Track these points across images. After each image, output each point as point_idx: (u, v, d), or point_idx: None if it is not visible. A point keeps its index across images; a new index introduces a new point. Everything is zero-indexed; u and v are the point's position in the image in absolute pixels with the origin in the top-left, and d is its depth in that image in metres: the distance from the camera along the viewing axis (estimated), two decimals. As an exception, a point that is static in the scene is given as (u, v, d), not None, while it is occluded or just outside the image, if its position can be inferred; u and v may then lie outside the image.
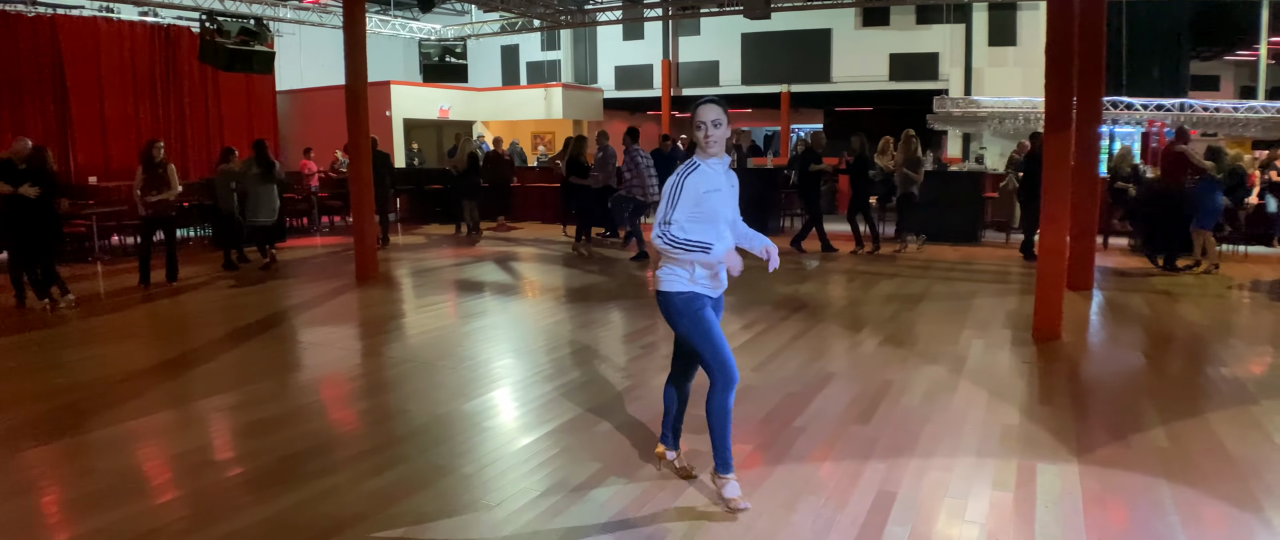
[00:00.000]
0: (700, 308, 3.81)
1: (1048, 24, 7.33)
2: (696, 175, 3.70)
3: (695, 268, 3.78)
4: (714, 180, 3.74)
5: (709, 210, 3.72)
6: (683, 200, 3.66)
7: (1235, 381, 5.99)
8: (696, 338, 3.81)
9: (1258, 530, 3.69)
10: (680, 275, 3.80)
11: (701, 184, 3.69)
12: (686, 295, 3.79)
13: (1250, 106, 20.90)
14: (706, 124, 3.71)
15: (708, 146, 3.73)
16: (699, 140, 3.74)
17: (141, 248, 10.31)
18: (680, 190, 3.66)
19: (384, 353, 7.22)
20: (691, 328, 3.81)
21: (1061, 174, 7.29)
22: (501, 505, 3.93)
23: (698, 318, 3.80)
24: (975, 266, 11.62)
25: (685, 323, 3.82)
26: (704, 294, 3.83)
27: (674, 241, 3.65)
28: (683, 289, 3.79)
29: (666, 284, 3.83)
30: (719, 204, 3.75)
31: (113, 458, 4.60)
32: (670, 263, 3.81)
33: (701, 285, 3.81)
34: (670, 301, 3.83)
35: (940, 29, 23.63)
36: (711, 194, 3.72)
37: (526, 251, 13.56)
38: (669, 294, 3.82)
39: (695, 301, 3.80)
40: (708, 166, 3.74)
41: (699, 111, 3.73)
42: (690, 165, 3.73)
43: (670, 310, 3.84)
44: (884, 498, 3.99)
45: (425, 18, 22.85)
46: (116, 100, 16.18)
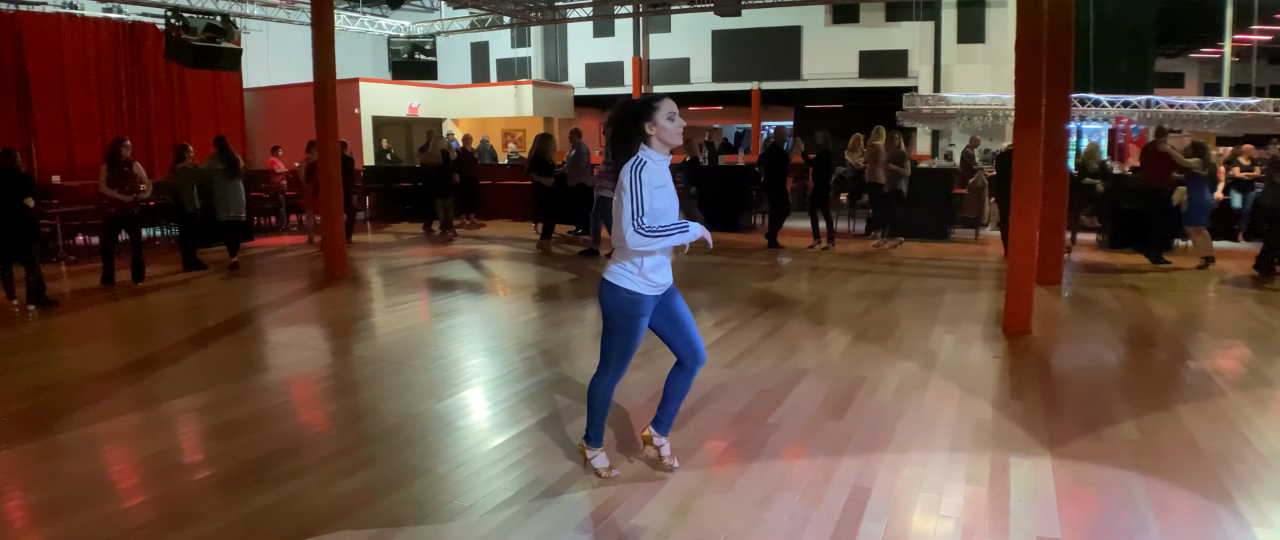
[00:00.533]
0: (639, 314, 3.88)
1: (1017, 22, 7.38)
2: (650, 168, 3.71)
3: (643, 264, 3.80)
4: (663, 174, 3.77)
5: (661, 206, 3.72)
6: (647, 194, 3.66)
7: (1203, 374, 6.06)
8: (618, 333, 3.90)
9: (1227, 520, 3.72)
10: (629, 272, 3.83)
11: (655, 178, 3.71)
12: (631, 296, 3.84)
13: (1215, 103, 21.18)
14: (676, 117, 3.80)
15: (674, 139, 3.80)
16: (668, 135, 3.77)
17: (105, 247, 10.15)
18: (640, 184, 3.66)
19: (354, 353, 7.15)
20: (620, 326, 3.89)
21: (1031, 170, 7.35)
22: (475, 506, 3.89)
23: (631, 321, 3.87)
24: (945, 262, 11.69)
25: (617, 318, 3.89)
26: (647, 295, 3.86)
27: (652, 232, 3.65)
28: (629, 286, 3.84)
29: (615, 277, 3.87)
30: (665, 199, 3.76)
31: (80, 461, 4.51)
32: (621, 260, 3.85)
33: (648, 285, 3.85)
34: (614, 294, 3.86)
35: (909, 26, 23.77)
36: (660, 189, 3.74)
37: (496, 249, 13.49)
38: (615, 286, 3.86)
39: (638, 305, 3.86)
40: (657, 160, 3.76)
41: (669, 104, 3.79)
42: (638, 161, 3.71)
43: (609, 301, 3.88)
44: (859, 493, 4.00)
45: (394, 14, 22.69)
46: (80, 98, 15.92)
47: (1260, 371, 6.30)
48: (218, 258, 11.87)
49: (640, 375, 5.94)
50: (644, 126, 3.75)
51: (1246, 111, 20.71)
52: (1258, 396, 5.57)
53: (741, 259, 11.97)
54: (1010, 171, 7.59)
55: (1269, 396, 5.60)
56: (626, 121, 3.78)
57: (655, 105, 3.77)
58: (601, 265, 11.41)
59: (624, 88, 27.01)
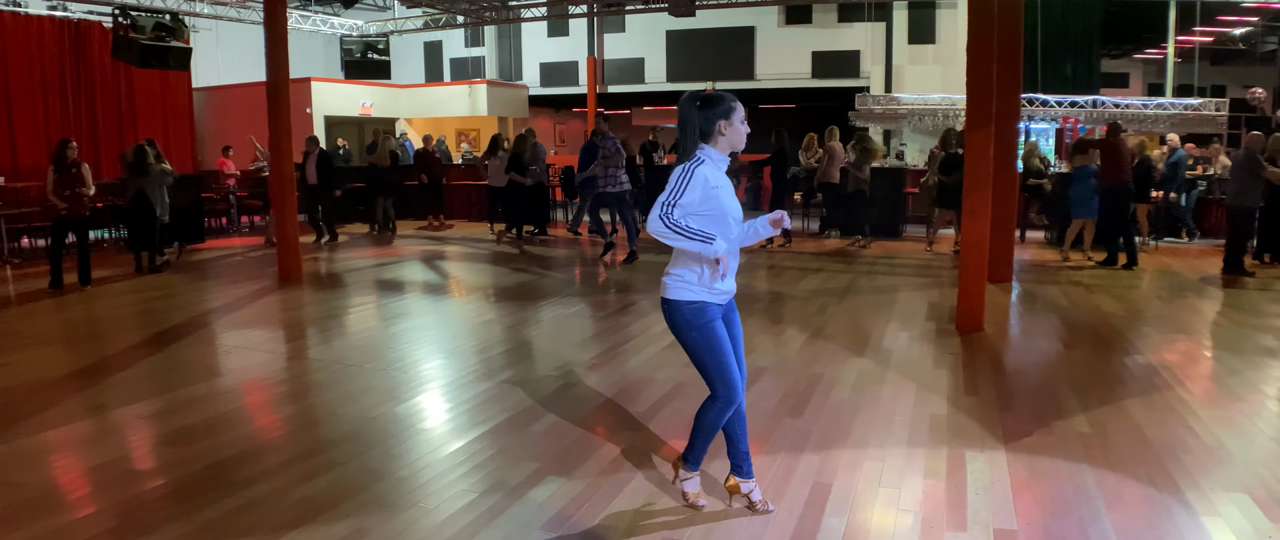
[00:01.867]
0: (710, 320, 3.54)
1: (969, 24, 7.51)
2: (706, 167, 3.46)
3: (704, 269, 3.49)
4: (721, 176, 3.54)
5: (718, 206, 3.49)
6: (691, 187, 3.40)
7: (1150, 368, 6.22)
8: (703, 352, 3.56)
9: (1175, 509, 3.83)
10: (688, 280, 3.52)
11: (712, 178, 3.47)
12: (696, 305, 3.52)
13: (1159, 103, 21.69)
14: (738, 110, 3.54)
15: (729, 139, 3.55)
16: (729, 135, 3.53)
17: (53, 250, 9.94)
18: (690, 176, 3.41)
19: (310, 356, 7.09)
20: (699, 341, 3.55)
21: (983, 169, 7.47)
22: (439, 508, 3.88)
23: (707, 331, 3.53)
24: (898, 261, 11.85)
25: (692, 335, 3.55)
26: (713, 302, 3.55)
27: (675, 226, 3.35)
28: (691, 297, 3.52)
29: (674, 291, 3.55)
30: (728, 201, 3.52)
31: (30, 470, 4.42)
32: (678, 266, 3.56)
33: (711, 292, 3.53)
34: (677, 311, 3.54)
35: (861, 27, 24.04)
36: (718, 190, 3.48)
37: (454, 250, 13.43)
38: (676, 302, 3.54)
39: (704, 312, 3.53)
40: (714, 161, 3.52)
41: (740, 107, 3.55)
42: (698, 159, 3.47)
43: (676, 320, 3.57)
44: (820, 489, 4.05)
45: (346, 13, 22.45)
46: (24, 98, 15.54)
47: (1204, 365, 6.50)
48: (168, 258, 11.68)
49: (598, 375, 5.95)
50: (720, 125, 3.51)
51: (1189, 111, 21.25)
52: (1202, 390, 5.72)
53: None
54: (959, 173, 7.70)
55: (1213, 389, 5.77)
56: (706, 113, 3.51)
57: (734, 105, 3.52)
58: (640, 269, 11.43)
59: (578, 87, 27.00)
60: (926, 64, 23.49)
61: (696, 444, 3.75)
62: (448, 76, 28.25)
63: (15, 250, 12.78)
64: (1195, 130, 20.70)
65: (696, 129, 3.52)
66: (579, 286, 10.13)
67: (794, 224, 15.49)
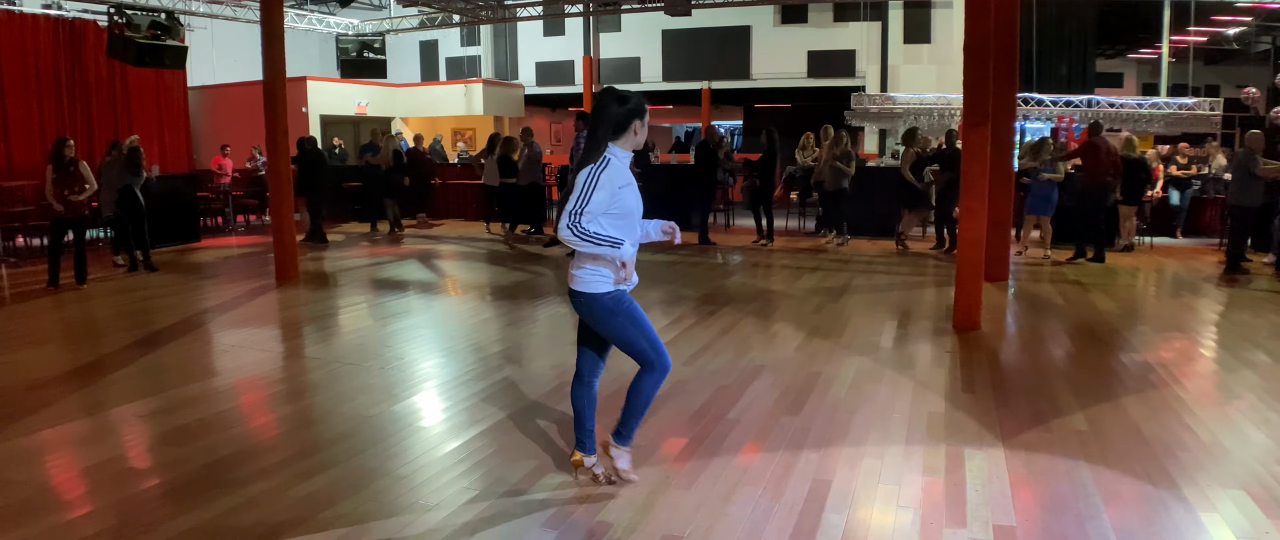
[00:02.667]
0: (629, 303, 3.71)
1: (965, 24, 7.52)
2: (613, 169, 3.59)
3: (616, 267, 3.63)
4: (627, 174, 3.66)
5: (623, 206, 3.62)
6: (598, 193, 3.52)
7: (1146, 366, 6.24)
8: (633, 331, 3.72)
9: (1173, 506, 3.84)
10: (603, 273, 3.66)
11: (618, 178, 3.60)
12: (613, 295, 3.68)
13: (1153, 103, 21.72)
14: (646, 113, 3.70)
15: (640, 142, 3.71)
16: (637, 135, 3.67)
17: (52, 249, 9.91)
18: (595, 183, 3.53)
19: (307, 355, 7.08)
20: (626, 323, 3.70)
21: (980, 168, 7.49)
22: (439, 506, 3.88)
23: (631, 313, 3.70)
24: (894, 260, 11.87)
25: (618, 322, 3.70)
26: (624, 289, 3.72)
27: (583, 233, 3.50)
28: (606, 289, 3.67)
29: (588, 285, 3.68)
30: (631, 199, 3.66)
31: (28, 469, 4.41)
32: (592, 261, 3.67)
33: (623, 283, 3.70)
34: (597, 302, 3.68)
35: (857, 26, 24.05)
36: (624, 189, 3.62)
37: (449, 249, 13.42)
38: (594, 295, 3.68)
39: (622, 299, 3.69)
40: (621, 159, 3.65)
41: (643, 103, 3.68)
42: (604, 160, 3.59)
43: (597, 311, 3.70)
44: (819, 486, 4.06)
45: (342, 12, 22.45)
46: (19, 97, 15.49)
47: (1200, 362, 6.52)
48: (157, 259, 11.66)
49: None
50: (634, 124, 3.65)
51: (1183, 111, 21.28)
52: (1198, 387, 5.75)
53: (694, 257, 12.04)
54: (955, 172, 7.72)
55: (1208, 387, 5.79)
56: (625, 109, 3.63)
57: (645, 107, 3.68)
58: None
59: (575, 87, 26.99)
60: (922, 63, 23.51)
61: (632, 419, 3.92)
62: (443, 76, 28.22)
63: (11, 249, 12.74)
64: (1190, 130, 20.73)
65: (611, 124, 3.64)
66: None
67: (793, 224, 15.51)
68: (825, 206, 13.86)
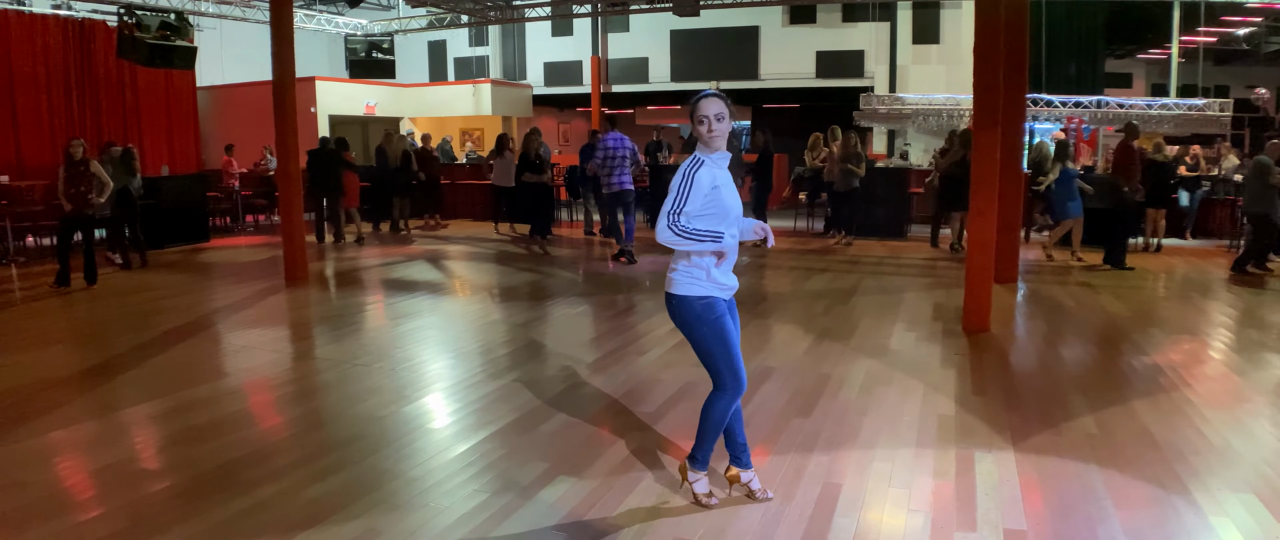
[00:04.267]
0: (719, 314, 3.65)
1: (975, 25, 7.49)
2: (704, 170, 3.56)
3: (711, 265, 3.62)
4: (721, 175, 3.63)
5: (720, 206, 3.59)
6: (693, 194, 3.52)
7: (1156, 369, 6.22)
8: (713, 344, 3.66)
9: (1183, 510, 3.84)
10: (696, 276, 3.64)
11: (709, 178, 3.57)
12: (705, 300, 3.64)
13: (1162, 103, 21.65)
14: (710, 118, 3.57)
15: (711, 141, 3.60)
16: (702, 135, 3.60)
17: (60, 249, 9.95)
18: (691, 183, 3.52)
19: (316, 355, 7.11)
20: (708, 334, 3.65)
21: (989, 169, 7.48)
22: (450, 508, 3.89)
23: (717, 325, 3.64)
24: (903, 261, 11.85)
25: (702, 329, 3.65)
26: (719, 297, 3.68)
27: (685, 232, 3.49)
28: (701, 292, 3.63)
29: (681, 286, 3.66)
30: (729, 198, 3.63)
31: (39, 470, 4.43)
32: (684, 263, 3.66)
33: (717, 286, 3.66)
34: (687, 306, 3.65)
35: (865, 27, 23.99)
36: (719, 189, 3.59)
37: (458, 249, 13.44)
38: (685, 298, 3.65)
39: (714, 307, 3.65)
40: (712, 161, 3.61)
41: (702, 105, 3.59)
42: (695, 160, 3.58)
43: (686, 315, 3.67)
44: (830, 489, 4.06)
45: (351, 13, 22.49)
46: (29, 97, 15.56)
47: (1210, 365, 6.50)
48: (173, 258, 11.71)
49: (603, 379, 5.96)
50: (695, 124, 3.62)
51: (1193, 112, 21.20)
52: (1208, 390, 5.72)
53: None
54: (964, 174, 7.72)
55: (1219, 389, 5.77)
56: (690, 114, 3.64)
57: (694, 105, 3.63)
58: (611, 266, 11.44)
59: (583, 87, 26.99)
60: (931, 64, 23.45)
61: (705, 442, 3.81)
62: (452, 76, 28.23)
63: (21, 249, 12.80)
64: (1199, 131, 20.67)
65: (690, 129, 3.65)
66: (584, 286, 10.14)
67: (802, 224, 15.50)
68: (834, 207, 13.85)
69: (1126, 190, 11.06)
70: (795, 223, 15.69)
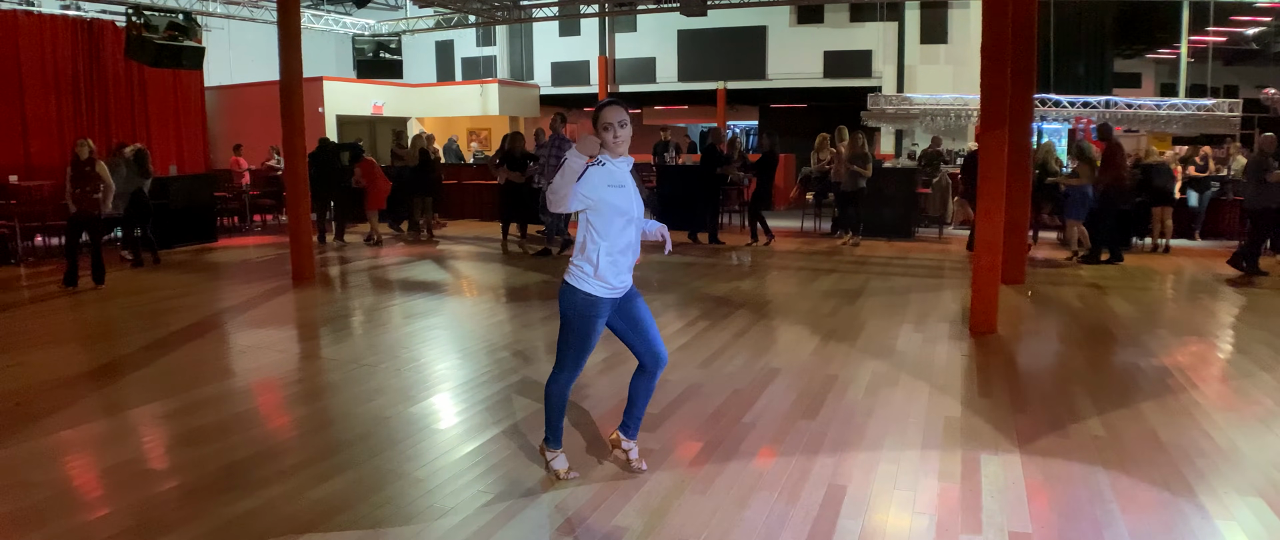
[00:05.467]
0: (595, 315, 3.91)
1: (983, 25, 7.48)
2: (602, 171, 3.79)
3: (599, 265, 3.83)
4: (620, 177, 3.84)
5: (610, 203, 3.80)
6: (578, 186, 3.71)
7: (1163, 370, 6.19)
8: (574, 334, 3.94)
9: (1190, 514, 3.82)
10: (585, 274, 3.87)
11: (607, 178, 3.79)
12: (588, 297, 3.88)
13: (1172, 104, 21.58)
14: (614, 124, 3.81)
15: (615, 147, 3.82)
16: (607, 141, 3.80)
17: (68, 249, 9.99)
18: (574, 172, 3.72)
19: (323, 356, 7.12)
20: (576, 325, 3.93)
21: (996, 170, 7.46)
22: (455, 509, 3.89)
23: (587, 322, 3.91)
24: (910, 261, 11.83)
25: (574, 318, 3.92)
26: (604, 297, 3.90)
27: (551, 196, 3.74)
28: (584, 288, 3.88)
29: (572, 277, 3.92)
30: (621, 201, 3.84)
31: (47, 470, 4.45)
32: (578, 257, 3.90)
33: (604, 287, 3.88)
34: (570, 295, 3.91)
35: (873, 27, 23.98)
36: (617, 190, 3.82)
37: (464, 250, 13.45)
38: (572, 288, 3.91)
39: (594, 306, 3.89)
40: (614, 165, 3.84)
41: (605, 113, 3.83)
42: (597, 163, 3.80)
43: (566, 303, 3.93)
44: (835, 491, 4.05)
45: (359, 13, 22.55)
46: (38, 97, 15.58)
47: (1218, 367, 6.48)
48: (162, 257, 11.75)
49: (608, 379, 5.97)
50: (601, 130, 3.84)
51: (1202, 112, 21.13)
52: (1216, 391, 5.70)
53: (707, 258, 12.03)
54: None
55: (1227, 391, 5.75)
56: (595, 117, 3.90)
57: (598, 112, 3.86)
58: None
59: (590, 87, 27.01)
60: (938, 64, 23.42)
61: (552, 421, 4.17)
62: (459, 76, 28.28)
63: (30, 249, 12.85)
64: (1208, 131, 20.59)
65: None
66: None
67: (809, 225, 15.48)
68: (841, 208, 13.84)
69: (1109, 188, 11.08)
70: (802, 223, 15.67)
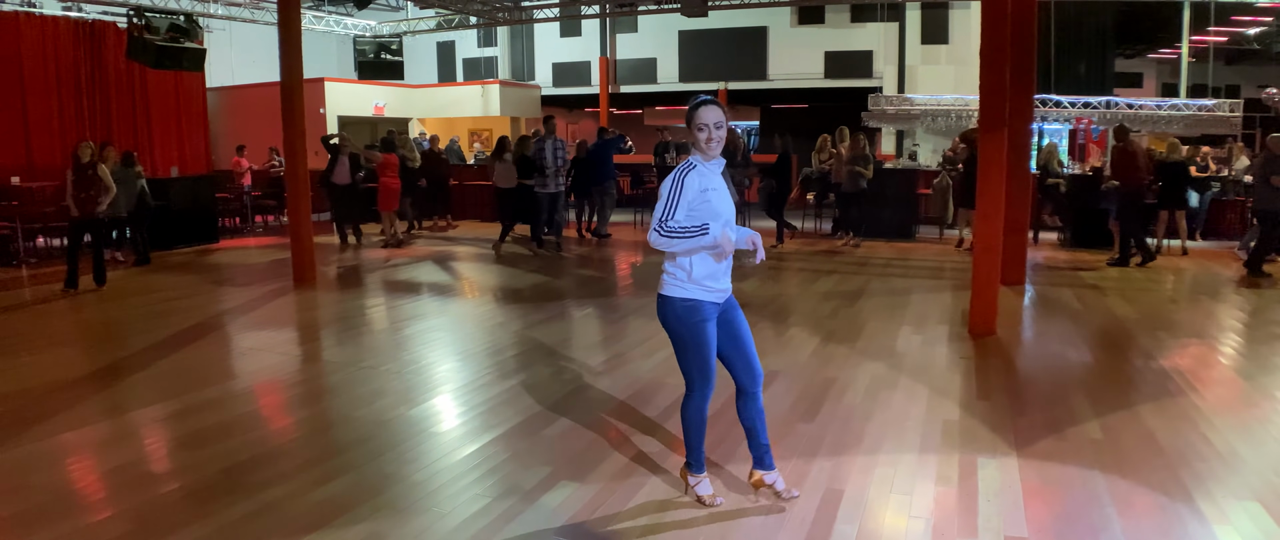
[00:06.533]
0: (703, 319, 3.71)
1: (982, 26, 7.49)
2: (695, 174, 3.62)
3: (693, 266, 3.67)
4: (712, 180, 3.67)
5: (708, 209, 3.62)
6: (682, 200, 3.57)
7: (1163, 373, 6.20)
8: (689, 347, 3.75)
9: (1188, 518, 3.83)
10: (680, 277, 3.70)
11: (699, 182, 3.62)
12: (688, 303, 3.70)
13: (1173, 104, 21.57)
14: (709, 126, 3.62)
15: (709, 150, 3.65)
16: (700, 143, 3.64)
17: (70, 251, 10.01)
18: (680, 189, 3.58)
19: (323, 358, 7.14)
20: (686, 336, 3.74)
21: (996, 171, 7.46)
22: (454, 512, 3.91)
23: (697, 329, 3.71)
24: (910, 262, 11.83)
25: (681, 330, 3.74)
26: (705, 300, 3.72)
27: (671, 232, 3.54)
28: (682, 295, 3.70)
29: (666, 287, 3.75)
30: (718, 203, 3.65)
31: (47, 473, 4.47)
32: (670, 264, 3.73)
33: (703, 290, 3.71)
34: (670, 306, 3.73)
35: (874, 27, 23.96)
36: (709, 192, 3.63)
37: (465, 251, 13.46)
38: (668, 298, 3.73)
39: (697, 311, 3.70)
40: (706, 167, 3.67)
41: (701, 113, 3.63)
42: (688, 165, 3.65)
43: (667, 314, 3.76)
44: (832, 495, 4.06)
45: (360, 14, 22.54)
46: (39, 99, 15.59)
47: (1218, 370, 6.48)
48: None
49: (609, 380, 5.97)
50: (694, 130, 3.67)
51: (1203, 112, 21.11)
52: (1216, 395, 5.70)
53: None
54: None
55: (1227, 395, 5.75)
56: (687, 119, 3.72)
57: (693, 113, 3.68)
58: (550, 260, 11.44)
59: (591, 88, 27.02)
60: (939, 64, 23.40)
61: (691, 444, 3.95)
62: (460, 77, 28.29)
63: (31, 250, 12.87)
64: (1209, 131, 20.57)
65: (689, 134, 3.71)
66: (590, 289, 10.15)
67: (810, 226, 15.48)
68: (842, 209, 13.85)
69: (1122, 188, 11.07)
70: (803, 224, 15.67)
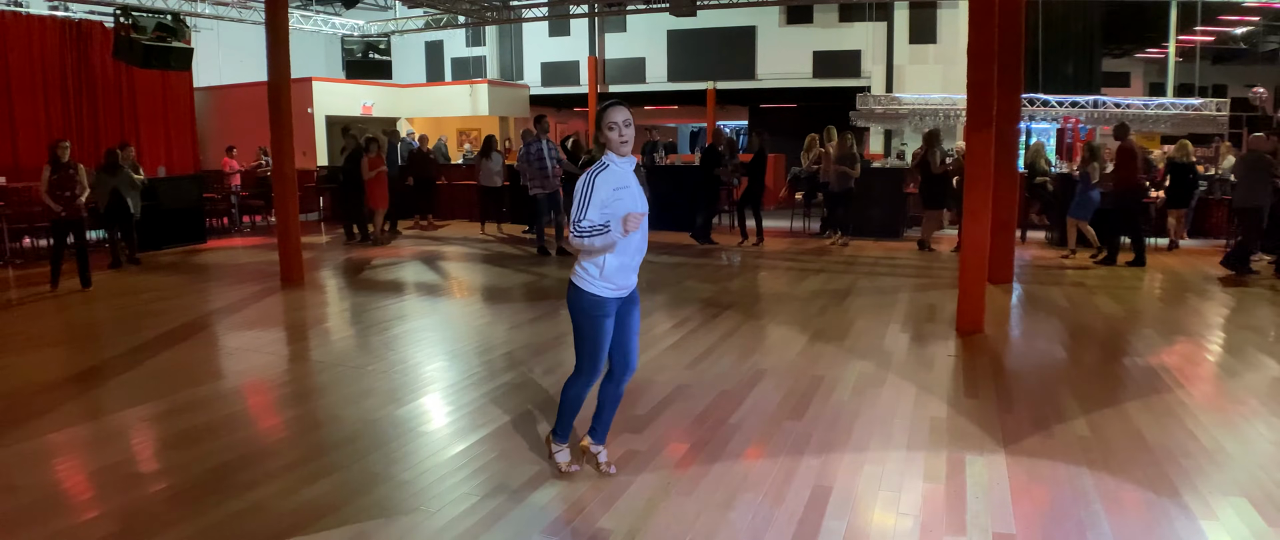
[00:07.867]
0: (603, 315, 3.97)
1: (969, 25, 7.50)
2: (607, 174, 3.82)
3: (604, 265, 3.89)
4: (624, 178, 3.87)
5: (621, 207, 3.81)
6: (594, 199, 3.77)
7: (1150, 371, 6.22)
8: (587, 337, 4.01)
9: (1175, 514, 3.84)
10: (591, 275, 3.93)
11: (611, 181, 3.82)
12: (594, 298, 3.94)
13: (1160, 103, 21.67)
14: (619, 124, 3.85)
15: (621, 147, 3.86)
16: (612, 141, 3.84)
17: (54, 252, 9.95)
18: (591, 188, 3.78)
19: (311, 358, 7.11)
20: (586, 328, 4.00)
21: (983, 171, 7.48)
22: (441, 511, 3.90)
23: (597, 323, 3.97)
24: (898, 261, 11.85)
25: (582, 321, 3.99)
26: (609, 297, 3.96)
27: (582, 232, 3.77)
28: (591, 290, 3.94)
29: (579, 280, 3.98)
30: (630, 202, 3.85)
31: (32, 473, 4.44)
32: (584, 261, 3.94)
33: (610, 287, 3.94)
34: (579, 297, 3.97)
35: (862, 27, 24.02)
36: (622, 191, 3.83)
37: (452, 251, 13.43)
38: (579, 291, 3.97)
39: (601, 306, 3.96)
40: (618, 166, 3.86)
41: (610, 113, 3.87)
42: (600, 165, 3.84)
43: (574, 305, 4.01)
44: (820, 492, 4.07)
45: (348, 13, 22.46)
46: (25, 98, 15.53)
47: (1204, 367, 6.51)
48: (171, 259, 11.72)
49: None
50: (604, 130, 3.88)
51: (1190, 111, 21.23)
52: (1202, 392, 5.73)
53: (697, 259, 12.04)
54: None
55: (1212, 392, 5.78)
56: (598, 118, 3.92)
57: (603, 113, 3.90)
58: (547, 265, 11.43)
59: (580, 87, 27.00)
60: (927, 64, 23.48)
61: (563, 418, 4.28)
62: (449, 76, 28.25)
63: (16, 251, 12.78)
64: (1196, 130, 20.68)
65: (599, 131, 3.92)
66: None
67: (798, 225, 15.50)
68: (830, 208, 13.86)
69: (1119, 186, 11.09)
70: (791, 223, 15.69)
